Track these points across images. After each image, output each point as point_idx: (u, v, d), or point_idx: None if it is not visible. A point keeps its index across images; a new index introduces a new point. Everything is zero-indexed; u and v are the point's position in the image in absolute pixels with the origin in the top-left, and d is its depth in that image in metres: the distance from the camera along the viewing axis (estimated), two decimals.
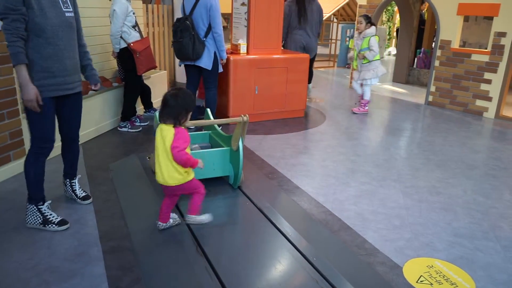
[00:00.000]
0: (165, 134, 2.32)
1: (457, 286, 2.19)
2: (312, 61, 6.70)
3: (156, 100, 5.68)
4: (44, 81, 2.42)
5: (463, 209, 3.08)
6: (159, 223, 2.54)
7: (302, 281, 2.13)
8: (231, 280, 2.08)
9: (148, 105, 5.14)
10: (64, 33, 2.48)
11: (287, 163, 3.84)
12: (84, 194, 2.95)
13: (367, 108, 5.92)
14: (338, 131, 5.01)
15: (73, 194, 2.91)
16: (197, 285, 2.07)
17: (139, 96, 4.95)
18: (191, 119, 4.71)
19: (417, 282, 2.21)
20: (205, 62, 4.33)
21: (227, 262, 2.25)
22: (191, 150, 3.09)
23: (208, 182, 2.96)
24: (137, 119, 4.76)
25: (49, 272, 2.18)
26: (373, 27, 5.62)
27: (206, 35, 4.26)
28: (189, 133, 2.59)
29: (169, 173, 2.36)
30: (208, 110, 3.42)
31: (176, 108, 2.30)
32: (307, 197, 3.16)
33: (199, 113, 4.94)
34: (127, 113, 4.60)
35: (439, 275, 2.27)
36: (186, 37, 4.18)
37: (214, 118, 4.71)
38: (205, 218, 2.51)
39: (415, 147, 4.53)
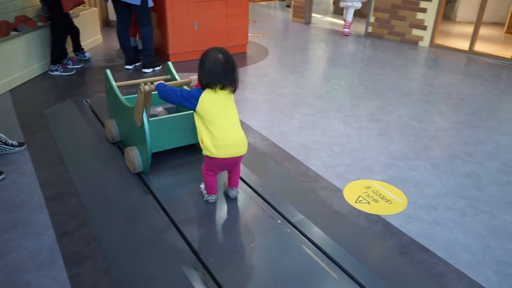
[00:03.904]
0: (232, 100, 2.06)
1: (391, 202, 2.38)
2: None
3: (90, 41, 5.32)
4: None
5: (399, 133, 3.27)
6: (212, 196, 2.20)
7: (250, 210, 2.21)
8: (178, 213, 2.12)
9: (77, 47, 4.79)
10: None
11: None
12: (16, 142, 2.79)
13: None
14: (281, 65, 5.00)
15: (5, 146, 2.73)
16: (145, 222, 2.09)
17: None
18: (126, 61, 4.54)
19: (356, 202, 2.37)
20: None
21: (174, 197, 2.26)
22: (157, 114, 2.65)
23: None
24: (70, 61, 4.45)
25: None
26: None
27: None
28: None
29: (244, 138, 2.08)
30: (170, 63, 2.89)
31: (235, 73, 2.00)
32: (252, 131, 3.20)
33: (135, 54, 4.70)
34: (57, 55, 4.27)
35: (376, 194, 2.45)
36: None
37: (153, 56, 4.52)
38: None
39: (355, 77, 4.66)
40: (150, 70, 4.49)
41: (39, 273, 1.79)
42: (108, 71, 2.77)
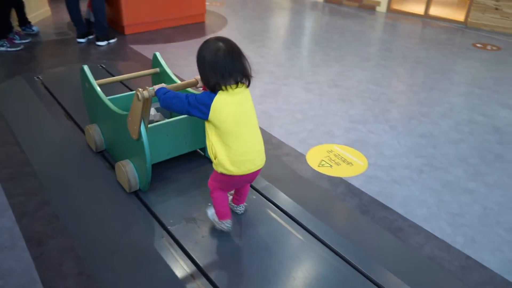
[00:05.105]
0: (250, 99, 1.64)
1: (352, 164, 2.45)
2: None
3: (36, 13, 5.01)
4: None
5: (358, 98, 3.34)
6: (226, 222, 1.79)
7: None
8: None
9: (23, 21, 4.49)
10: None
11: (191, 70, 3.74)
12: None
13: None
14: (240, 34, 4.93)
15: None
16: (107, 198, 2.06)
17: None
18: (78, 34, 4.32)
19: (318, 166, 2.43)
20: None
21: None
22: (152, 120, 2.25)
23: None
24: (16, 36, 4.18)
25: None
26: None
27: None
28: None
29: (262, 151, 1.70)
30: (157, 54, 2.47)
31: (245, 61, 1.58)
32: None
33: (87, 27, 4.48)
34: (1, 30, 4.01)
35: (337, 157, 2.52)
36: None
37: (106, 28, 4.33)
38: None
39: (315, 44, 4.67)
40: (105, 43, 4.31)
41: (0, 255, 1.74)
42: (86, 67, 2.27)
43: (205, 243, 1.79)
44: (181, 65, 3.86)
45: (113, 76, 3.39)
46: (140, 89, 1.73)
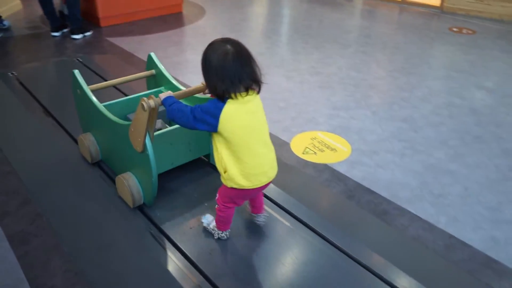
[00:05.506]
0: (261, 107, 1.55)
1: (336, 151, 2.48)
2: None
3: (7, 7, 4.85)
4: None
5: (339, 85, 3.36)
6: (225, 232, 1.75)
7: (200, 171, 2.20)
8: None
9: None
10: None
11: (171, 62, 3.70)
12: None
13: None
14: (220, 24, 4.88)
15: None
16: (91, 193, 2.03)
17: None
18: (52, 28, 4.21)
19: (303, 153, 2.44)
20: None
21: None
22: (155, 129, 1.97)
23: None
24: None
25: None
26: None
27: None
28: None
29: (274, 161, 1.61)
30: (152, 54, 2.37)
31: (255, 65, 1.47)
32: None
33: (61, 19, 4.36)
34: None
35: (321, 144, 2.53)
36: None
37: (81, 20, 4.22)
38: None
39: (294, 32, 4.67)
40: (80, 36, 4.20)
41: None
42: (77, 72, 2.10)
43: (193, 234, 1.79)
44: (159, 56, 3.78)
45: (92, 70, 3.34)
46: (145, 98, 1.59)
